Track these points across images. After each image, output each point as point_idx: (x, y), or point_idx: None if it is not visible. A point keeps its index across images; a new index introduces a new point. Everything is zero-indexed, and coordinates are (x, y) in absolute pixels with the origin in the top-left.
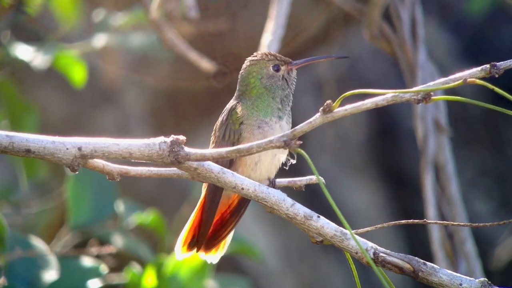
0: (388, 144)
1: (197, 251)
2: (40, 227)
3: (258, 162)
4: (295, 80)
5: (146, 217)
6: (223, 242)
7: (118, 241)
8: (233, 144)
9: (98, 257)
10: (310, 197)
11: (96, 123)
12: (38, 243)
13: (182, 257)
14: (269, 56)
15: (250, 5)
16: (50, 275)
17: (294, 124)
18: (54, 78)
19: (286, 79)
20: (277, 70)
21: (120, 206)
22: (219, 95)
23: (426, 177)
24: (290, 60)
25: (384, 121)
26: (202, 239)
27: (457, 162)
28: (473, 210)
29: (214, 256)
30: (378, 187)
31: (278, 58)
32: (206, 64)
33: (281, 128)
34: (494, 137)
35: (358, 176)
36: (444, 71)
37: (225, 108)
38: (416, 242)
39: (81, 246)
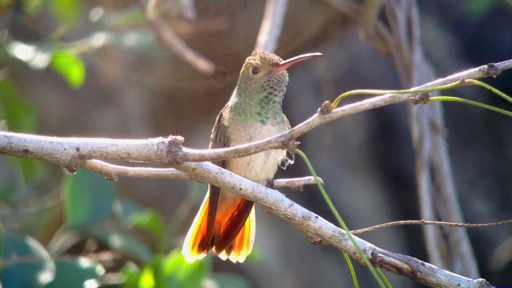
0: (387, 144)
1: (207, 252)
2: (38, 227)
3: (250, 162)
4: (284, 80)
5: (144, 217)
6: (245, 241)
7: (116, 241)
8: (224, 146)
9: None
10: (309, 197)
11: (95, 123)
12: (34, 244)
13: (193, 260)
14: (255, 57)
15: (250, 5)
16: (46, 276)
17: (293, 125)
18: (53, 78)
19: (264, 82)
20: (255, 72)
21: (118, 207)
22: (219, 95)
23: (421, 178)
24: (278, 61)
25: (384, 121)
26: (208, 240)
27: (457, 162)
28: (473, 211)
29: (239, 256)
30: (378, 187)
31: (262, 60)
32: (203, 65)
33: (269, 131)
34: (494, 137)
35: (357, 176)
36: (443, 71)
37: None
38: (416, 242)
39: (79, 246)
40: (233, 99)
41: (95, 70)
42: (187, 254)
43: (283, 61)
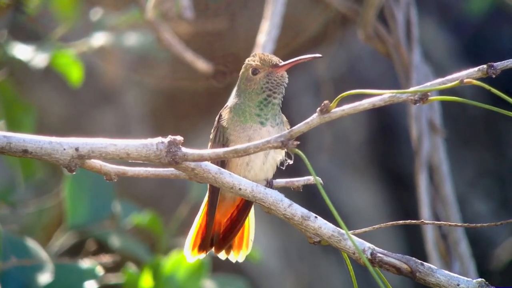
0: (387, 144)
1: (206, 252)
2: (38, 227)
3: (249, 162)
4: (283, 82)
5: (143, 217)
6: (245, 241)
7: (115, 242)
8: (223, 146)
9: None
10: (309, 197)
11: (95, 123)
12: (33, 245)
13: (194, 259)
14: (255, 58)
15: (250, 5)
16: (45, 277)
17: (293, 125)
18: (53, 78)
19: (263, 83)
20: (255, 73)
21: (117, 207)
22: (219, 95)
23: (420, 178)
24: (278, 63)
25: (384, 121)
26: (206, 241)
27: (457, 162)
28: (473, 210)
29: (239, 256)
30: (378, 187)
31: (261, 61)
32: (202, 65)
33: (268, 132)
34: (493, 137)
35: (357, 176)
36: (443, 71)
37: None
38: (416, 242)
39: (78, 246)
40: (232, 100)
41: (95, 70)
42: (188, 255)
43: (283, 62)
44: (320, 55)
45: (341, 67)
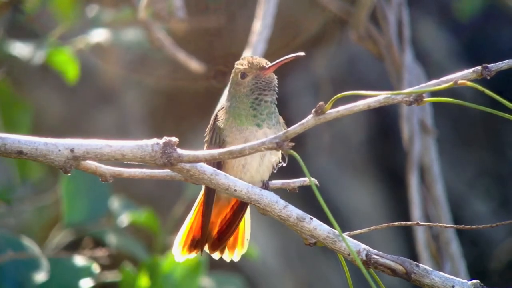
0: (387, 144)
1: (200, 251)
2: (36, 225)
3: (245, 165)
4: (272, 83)
5: (139, 215)
6: (240, 241)
7: (112, 240)
8: (220, 148)
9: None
10: (308, 198)
11: (94, 123)
12: (29, 243)
13: (183, 259)
14: (243, 62)
15: (249, 4)
16: (41, 275)
17: (292, 125)
18: (51, 77)
19: (252, 85)
20: (244, 77)
21: (113, 204)
22: (219, 95)
23: (411, 178)
24: (265, 65)
25: (383, 121)
26: (203, 240)
27: (457, 162)
28: (473, 210)
29: (234, 255)
30: (377, 187)
31: (249, 64)
32: (195, 65)
33: (265, 134)
34: (493, 137)
35: (357, 176)
36: (443, 71)
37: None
38: (415, 243)
39: (75, 244)
40: (224, 103)
41: (94, 70)
42: (177, 253)
43: (269, 64)
44: (303, 54)
45: (340, 67)
